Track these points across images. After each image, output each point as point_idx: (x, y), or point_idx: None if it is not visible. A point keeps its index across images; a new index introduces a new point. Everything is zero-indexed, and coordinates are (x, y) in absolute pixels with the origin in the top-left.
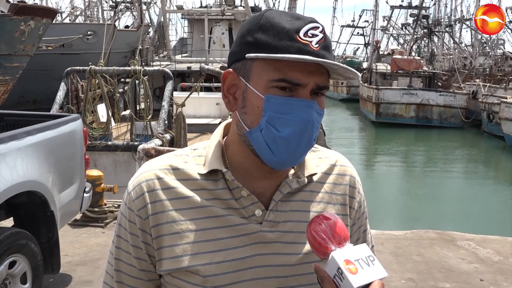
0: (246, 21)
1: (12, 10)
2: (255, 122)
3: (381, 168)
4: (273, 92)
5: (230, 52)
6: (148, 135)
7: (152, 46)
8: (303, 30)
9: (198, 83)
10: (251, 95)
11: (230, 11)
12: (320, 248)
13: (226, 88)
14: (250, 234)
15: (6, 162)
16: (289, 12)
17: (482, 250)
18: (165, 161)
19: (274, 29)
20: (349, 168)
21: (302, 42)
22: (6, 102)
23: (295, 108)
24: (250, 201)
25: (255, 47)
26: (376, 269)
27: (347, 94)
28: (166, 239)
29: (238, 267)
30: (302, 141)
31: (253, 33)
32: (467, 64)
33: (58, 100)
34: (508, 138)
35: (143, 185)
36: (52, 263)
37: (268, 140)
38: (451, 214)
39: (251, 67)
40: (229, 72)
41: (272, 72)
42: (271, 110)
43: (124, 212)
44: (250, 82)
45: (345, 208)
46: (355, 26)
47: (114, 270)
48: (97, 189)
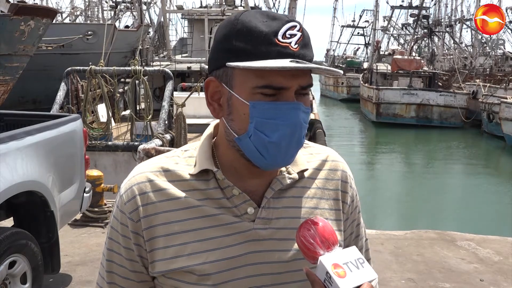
0: (222, 26)
1: (12, 10)
2: (243, 128)
3: (381, 168)
4: (258, 98)
5: (209, 59)
6: (148, 135)
7: (152, 46)
8: (281, 32)
9: (198, 83)
10: (236, 102)
11: (230, 11)
12: (309, 253)
13: (209, 96)
14: (243, 232)
15: (6, 162)
16: (265, 12)
17: (482, 250)
18: (156, 163)
19: (251, 34)
20: (340, 163)
21: (281, 45)
22: (6, 102)
23: (282, 112)
24: (242, 200)
25: (234, 54)
26: (365, 272)
27: (347, 94)
28: (159, 240)
29: (233, 265)
30: (291, 142)
31: (231, 39)
32: (467, 64)
33: (58, 100)
34: (508, 138)
35: (134, 188)
36: (52, 263)
37: (258, 145)
38: (451, 214)
39: (232, 74)
40: (211, 80)
41: (255, 79)
42: (258, 116)
43: (116, 215)
44: (233, 89)
45: (338, 202)
46: (356, 26)
47: (106, 272)
48: (97, 189)
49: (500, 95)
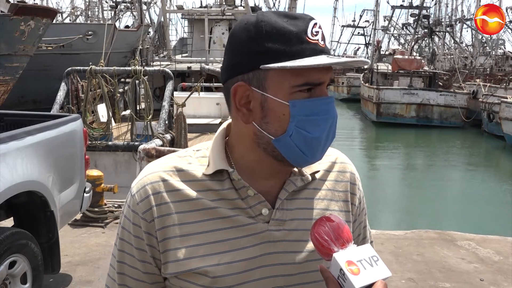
0: (241, 29)
1: (12, 10)
2: (280, 129)
3: (381, 168)
4: (296, 96)
5: (231, 64)
6: (148, 135)
7: (152, 46)
8: (309, 30)
9: (199, 83)
10: (273, 104)
11: (230, 11)
12: (323, 250)
13: (238, 101)
14: (257, 234)
15: (6, 162)
16: (280, 12)
17: (482, 250)
18: (169, 162)
19: (283, 34)
20: (349, 165)
21: (312, 43)
22: (6, 102)
23: (321, 107)
24: (257, 200)
25: (267, 56)
26: (379, 269)
27: (348, 94)
28: (173, 241)
29: (247, 267)
30: (329, 136)
31: (260, 42)
32: (467, 64)
33: (59, 100)
34: (508, 137)
35: (147, 188)
36: (52, 263)
37: (299, 143)
38: (451, 214)
39: (265, 76)
40: (239, 86)
41: (294, 78)
42: (299, 114)
43: (128, 215)
44: (267, 91)
45: (347, 204)
46: (356, 26)
47: (117, 273)
48: (97, 189)
49: (500, 95)
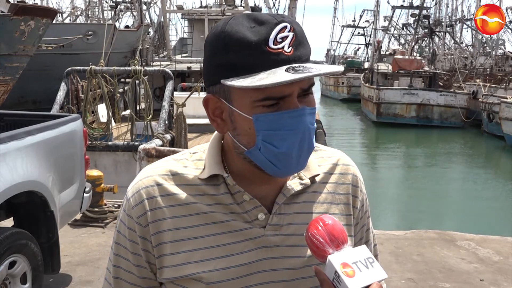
0: (209, 39)
1: (12, 10)
2: (251, 142)
3: (381, 168)
4: (259, 110)
5: (203, 74)
6: (148, 135)
7: (152, 46)
8: (271, 38)
9: (199, 83)
10: (239, 118)
11: (230, 11)
12: (318, 252)
13: (211, 112)
14: (254, 239)
15: (6, 162)
16: (251, 15)
17: (482, 250)
18: (164, 166)
19: (240, 45)
20: (351, 166)
21: (274, 52)
22: (6, 102)
23: (287, 121)
24: (252, 205)
25: (227, 69)
26: (375, 271)
27: (348, 94)
28: (167, 246)
29: (244, 272)
30: (302, 149)
31: (220, 54)
32: (467, 64)
33: (59, 100)
34: (508, 138)
35: (142, 192)
36: (52, 263)
37: (268, 156)
38: (451, 214)
39: (229, 89)
40: (210, 98)
41: (253, 93)
42: (264, 129)
43: (123, 219)
44: (233, 104)
45: (349, 207)
46: (356, 26)
47: (112, 278)
48: (97, 189)
49: (500, 95)
